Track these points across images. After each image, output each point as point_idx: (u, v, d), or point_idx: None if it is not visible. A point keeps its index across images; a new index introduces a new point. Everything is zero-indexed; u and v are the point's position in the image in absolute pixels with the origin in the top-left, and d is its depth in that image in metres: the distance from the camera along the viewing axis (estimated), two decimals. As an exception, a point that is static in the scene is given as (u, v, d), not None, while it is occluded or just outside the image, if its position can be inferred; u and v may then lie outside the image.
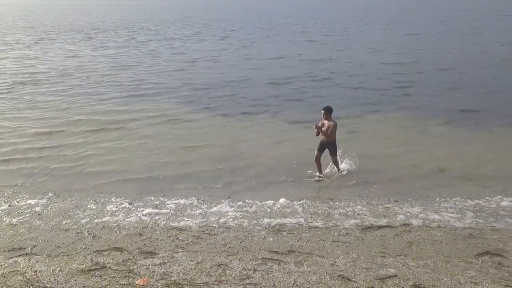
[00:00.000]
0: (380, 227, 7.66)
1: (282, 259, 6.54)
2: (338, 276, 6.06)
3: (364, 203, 8.71)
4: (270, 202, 8.76)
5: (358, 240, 7.19)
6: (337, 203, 8.74)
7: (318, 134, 9.80)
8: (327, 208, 8.45)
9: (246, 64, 26.23)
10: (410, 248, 6.91)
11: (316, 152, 9.93)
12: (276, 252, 6.77)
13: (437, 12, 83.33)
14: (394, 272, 6.16)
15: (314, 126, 9.60)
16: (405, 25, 53.25)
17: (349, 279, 5.97)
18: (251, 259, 6.51)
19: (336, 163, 9.96)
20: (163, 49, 33.13)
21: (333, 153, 9.89)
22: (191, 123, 14.04)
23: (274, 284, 5.85)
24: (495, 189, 9.31)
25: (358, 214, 8.19)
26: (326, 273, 6.13)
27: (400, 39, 38.49)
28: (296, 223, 7.80)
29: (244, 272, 6.13)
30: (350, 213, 8.25)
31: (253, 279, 5.96)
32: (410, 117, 14.72)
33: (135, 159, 11.12)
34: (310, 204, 8.67)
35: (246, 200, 8.82)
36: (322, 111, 9.78)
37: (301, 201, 8.80)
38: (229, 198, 8.91)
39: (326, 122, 9.69)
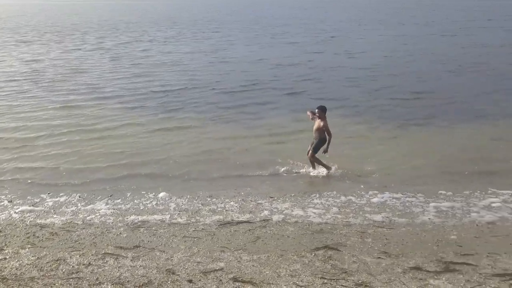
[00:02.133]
0: (239, 222, 7.88)
1: (122, 254, 6.75)
2: (166, 270, 6.28)
3: (240, 199, 8.93)
4: (150, 199, 8.94)
5: (209, 235, 7.41)
6: (214, 199, 8.96)
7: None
8: (200, 205, 8.67)
9: (215, 68, 26.11)
10: (254, 243, 7.13)
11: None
12: (121, 247, 6.98)
13: (430, 12, 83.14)
14: (222, 266, 6.38)
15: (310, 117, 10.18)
16: (390, 26, 53.08)
17: (173, 273, 6.20)
18: (92, 254, 6.73)
19: (313, 160, 10.22)
20: (135, 52, 33.01)
21: (315, 150, 10.15)
22: (122, 130, 14.08)
23: (97, 278, 6.05)
24: (375, 185, 9.48)
25: (226, 210, 8.40)
26: (155, 267, 6.34)
27: (384, 41, 38.26)
28: (159, 220, 8.02)
29: (76, 267, 6.35)
30: (219, 209, 8.46)
31: (81, 273, 6.18)
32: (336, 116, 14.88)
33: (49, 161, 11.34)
34: (187, 201, 8.89)
35: (127, 197, 9.02)
36: (317, 110, 10.13)
37: (180, 198, 9.00)
38: (111, 195, 9.10)
39: (318, 120, 10.02)
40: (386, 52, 31.16)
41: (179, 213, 8.28)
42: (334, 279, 6.01)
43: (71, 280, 5.97)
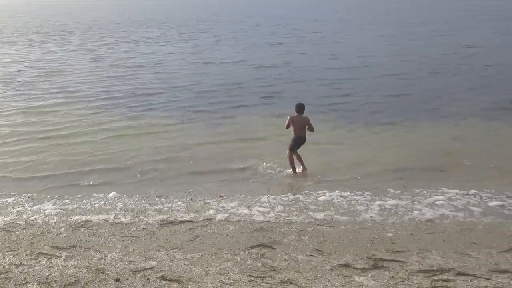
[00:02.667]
0: (182, 222, 7.92)
1: (57, 254, 6.77)
2: (96, 269, 6.30)
3: (188, 199, 8.98)
4: (99, 199, 8.96)
5: (149, 234, 7.44)
6: (163, 199, 9.00)
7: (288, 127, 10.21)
8: (147, 205, 8.70)
9: (195, 69, 26.02)
10: (192, 241, 7.17)
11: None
12: (57, 247, 7.00)
13: (425, 13, 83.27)
14: (154, 265, 6.41)
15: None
16: (382, 26, 53.10)
17: (103, 272, 6.22)
18: (26, 255, 6.74)
19: (299, 158, 10.34)
20: (118, 53, 32.99)
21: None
22: (84, 133, 14.02)
23: (25, 278, 6.07)
24: (327, 184, 9.54)
25: (172, 210, 8.44)
26: (86, 267, 6.36)
27: (370, 41, 38.32)
28: (103, 219, 8.04)
29: (7, 267, 6.36)
30: (165, 209, 8.50)
31: (10, 273, 6.19)
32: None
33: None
34: (135, 201, 8.93)
35: (76, 198, 9.04)
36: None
37: (129, 198, 9.05)
38: (60, 195, 9.12)
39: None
40: (370, 52, 31.29)
41: (124, 213, 8.30)
42: (261, 277, 6.04)
43: (-1, 279, 5.96)
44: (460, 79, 21.39)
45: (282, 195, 8.98)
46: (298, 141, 10.02)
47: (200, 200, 8.83)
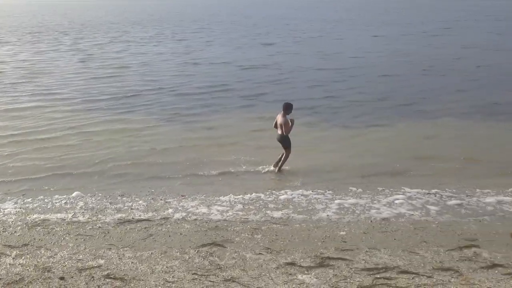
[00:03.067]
0: (139, 220, 7.94)
1: (7, 252, 6.80)
2: (43, 267, 6.34)
3: (150, 198, 9.00)
4: (61, 198, 8.99)
5: (104, 233, 7.47)
6: (125, 198, 9.03)
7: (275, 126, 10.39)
8: (108, 203, 8.73)
9: (183, 69, 25.94)
10: (144, 240, 7.19)
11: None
12: (9, 246, 7.03)
13: (423, 12, 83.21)
14: (101, 263, 6.44)
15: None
16: (378, 26, 53.02)
17: (49, 270, 6.26)
18: (-23, 253, 6.74)
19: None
20: (109, 53, 32.97)
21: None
22: (60, 134, 13.98)
23: (-31, 276, 6.08)
24: (292, 183, 9.59)
25: (131, 209, 8.46)
26: (34, 265, 6.40)
27: (364, 42, 38.29)
28: (60, 218, 8.07)
29: (-45, 265, 6.37)
30: (125, 208, 8.53)
31: (-44, 271, 6.20)
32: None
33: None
34: (97, 200, 8.95)
35: (39, 197, 9.07)
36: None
37: (92, 197, 9.07)
38: (23, 195, 9.14)
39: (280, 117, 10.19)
40: (361, 53, 31.25)
41: (83, 212, 8.32)
42: (205, 275, 6.08)
43: None
44: (447, 80, 21.37)
45: (244, 195, 9.01)
46: (277, 139, 10.18)
47: (161, 200, 8.84)
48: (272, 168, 10.35)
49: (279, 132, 10.15)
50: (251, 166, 10.64)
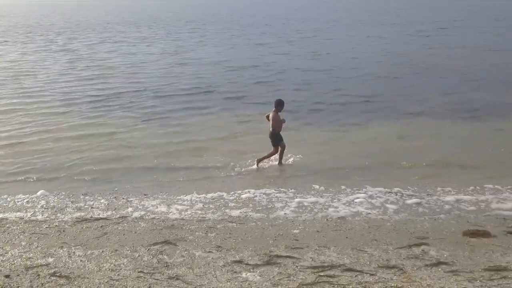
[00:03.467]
0: (97, 219, 7.95)
1: (-43, 251, 6.79)
2: (-11, 266, 6.32)
3: (112, 197, 9.03)
4: (24, 197, 9.02)
5: (59, 232, 7.49)
6: (88, 197, 9.07)
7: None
8: (70, 202, 8.77)
9: (171, 70, 25.92)
10: (98, 239, 7.21)
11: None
12: (-39, 244, 7.02)
13: (422, 12, 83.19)
14: (50, 262, 6.46)
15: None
16: (373, 27, 53.02)
17: (-2, 269, 6.24)
18: None
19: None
20: (99, 53, 32.93)
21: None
22: (35, 136, 13.98)
23: None
24: (258, 182, 9.61)
25: (92, 208, 8.50)
26: (-20, 263, 6.38)
27: (356, 42, 38.30)
28: (19, 217, 8.10)
29: None
30: (86, 207, 8.57)
31: None
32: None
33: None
34: (60, 198, 8.98)
35: (2, 197, 9.08)
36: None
37: (55, 196, 9.11)
38: (-12, 194, 9.16)
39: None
40: (353, 53, 31.35)
41: (43, 211, 8.35)
42: (151, 273, 6.09)
43: None
44: (436, 81, 21.39)
45: (207, 194, 9.03)
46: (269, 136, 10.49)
47: (123, 198, 8.86)
48: (254, 166, 10.64)
49: (270, 128, 10.21)
50: (220, 167, 10.67)
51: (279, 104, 10.25)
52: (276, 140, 10.27)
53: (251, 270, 6.12)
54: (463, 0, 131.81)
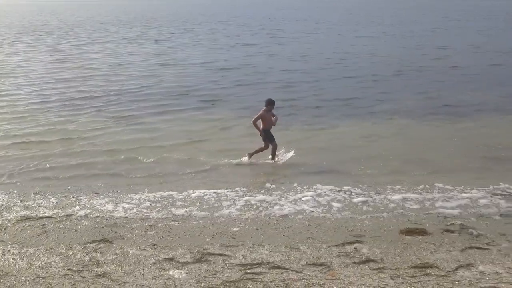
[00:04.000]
0: (41, 217, 7.99)
1: None
2: None
3: (63, 196, 9.08)
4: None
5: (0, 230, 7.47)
6: (38, 196, 9.16)
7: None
8: (19, 201, 8.83)
9: (154, 72, 25.66)
10: (37, 237, 7.26)
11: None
12: None
13: (419, 12, 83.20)
14: (-17, 259, 6.44)
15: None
16: (367, 27, 53.04)
17: None
18: None
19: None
20: (85, 54, 32.91)
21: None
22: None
23: None
24: (213, 181, 9.66)
25: (39, 206, 8.51)
26: None
27: (345, 42, 38.30)
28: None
29: None
30: (33, 205, 8.63)
31: None
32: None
33: None
34: (10, 197, 9.05)
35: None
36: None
37: (7, 194, 9.15)
38: None
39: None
40: (339, 54, 31.35)
41: (-8, 210, 8.31)
42: (79, 271, 6.12)
43: None
44: (415, 81, 21.48)
45: (157, 193, 9.04)
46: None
47: (73, 197, 8.88)
48: (245, 159, 10.96)
49: (261, 126, 10.56)
50: (177, 167, 10.66)
51: (270, 103, 10.48)
52: (267, 137, 10.30)
53: (180, 267, 6.14)
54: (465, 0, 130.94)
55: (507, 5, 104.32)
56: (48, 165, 10.95)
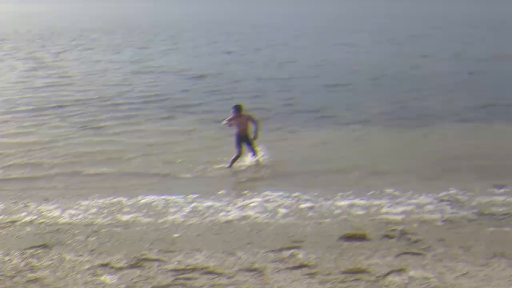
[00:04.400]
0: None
1: None
2: None
3: (12, 202, 9.11)
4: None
5: None
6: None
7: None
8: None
9: (128, 79, 25.65)
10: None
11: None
12: None
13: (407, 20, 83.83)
14: None
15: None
16: (353, 33, 53.07)
17: None
18: None
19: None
20: (62, 62, 32.62)
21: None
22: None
23: None
24: (163, 187, 9.71)
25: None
26: None
27: (326, 50, 38.57)
28: None
29: None
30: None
31: None
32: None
33: None
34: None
35: None
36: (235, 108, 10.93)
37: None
38: None
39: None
40: (315, 61, 31.56)
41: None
42: (12, 276, 6.07)
43: None
44: (387, 90, 21.62)
45: (106, 198, 9.01)
46: None
47: (22, 203, 8.84)
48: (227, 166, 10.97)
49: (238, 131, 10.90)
50: (133, 174, 10.64)
51: (234, 108, 10.96)
52: (243, 142, 10.50)
53: (113, 273, 6.13)
54: (462, 7, 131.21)
55: (488, 13, 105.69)
56: (3, 174, 10.78)
